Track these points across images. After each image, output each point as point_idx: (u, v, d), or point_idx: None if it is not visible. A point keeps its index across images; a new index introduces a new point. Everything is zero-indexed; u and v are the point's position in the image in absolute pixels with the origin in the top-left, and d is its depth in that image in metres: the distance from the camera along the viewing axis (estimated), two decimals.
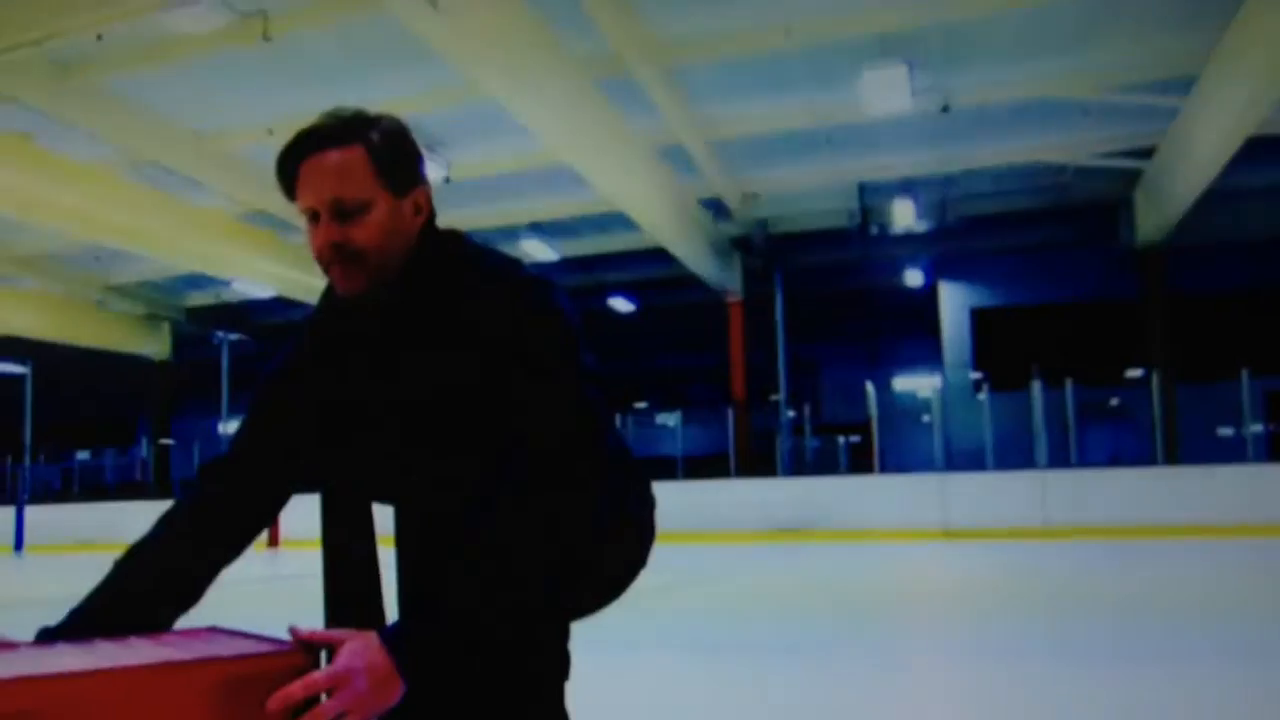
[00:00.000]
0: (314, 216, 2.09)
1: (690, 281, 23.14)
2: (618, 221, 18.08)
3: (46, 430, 36.21)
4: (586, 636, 2.17)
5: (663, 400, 36.10)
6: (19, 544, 22.14)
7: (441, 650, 1.79)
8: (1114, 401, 25.73)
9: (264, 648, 1.72)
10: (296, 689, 1.63)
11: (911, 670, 4.56)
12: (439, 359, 2.06)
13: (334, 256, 2.07)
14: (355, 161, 2.09)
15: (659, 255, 20.53)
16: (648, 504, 2.31)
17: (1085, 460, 20.85)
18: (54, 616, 1.99)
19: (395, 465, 2.11)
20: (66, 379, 34.83)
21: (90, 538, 20.83)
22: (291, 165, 2.11)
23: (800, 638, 5.60)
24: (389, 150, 2.14)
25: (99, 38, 12.26)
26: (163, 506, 2.25)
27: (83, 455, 32.76)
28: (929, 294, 28.52)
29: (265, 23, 12.04)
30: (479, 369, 2.01)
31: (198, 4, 11.24)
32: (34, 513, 22.92)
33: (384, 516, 2.24)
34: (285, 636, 1.76)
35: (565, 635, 2.17)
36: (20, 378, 31.32)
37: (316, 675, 1.66)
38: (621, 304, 28.76)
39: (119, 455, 31.91)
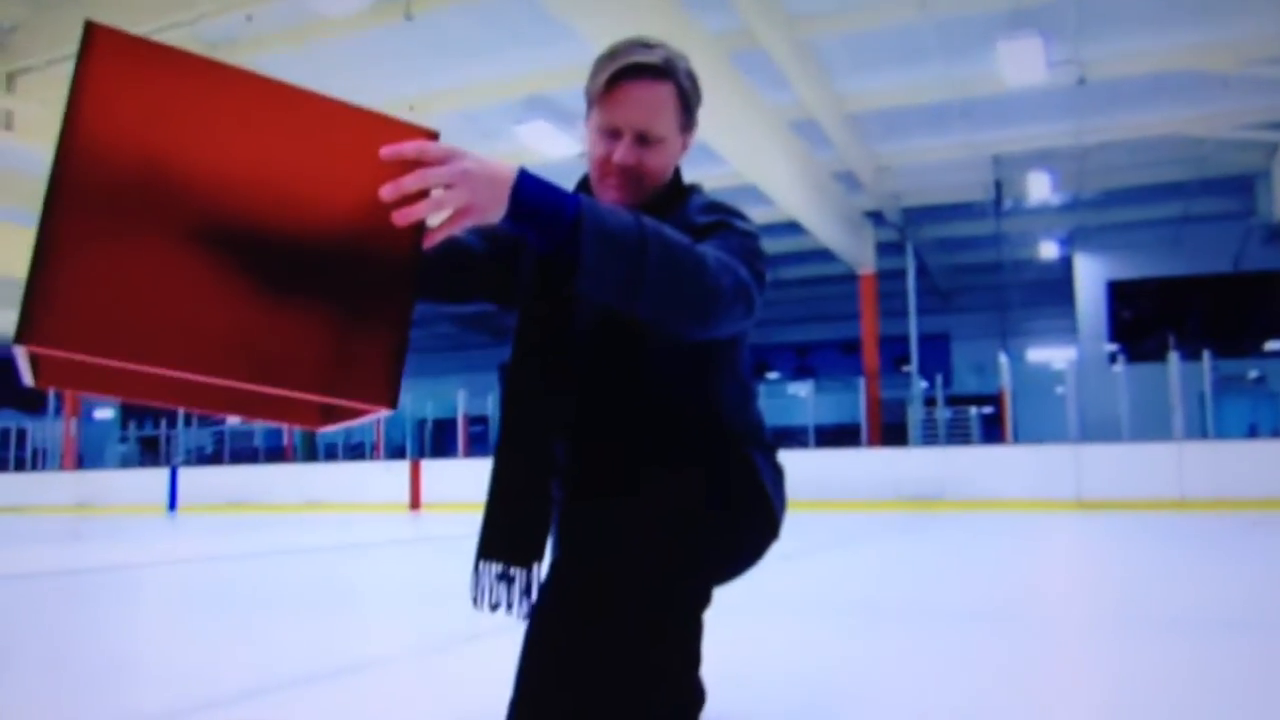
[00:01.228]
0: (614, 133, 2.24)
1: (823, 254, 23.25)
2: (750, 195, 18.18)
3: None
4: (718, 603, 2.29)
5: (795, 371, 36.09)
6: (172, 504, 23.11)
7: (556, 205, 1.78)
8: (1252, 374, 25.29)
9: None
10: (409, 146, 1.67)
11: (1045, 636, 4.58)
12: None
13: (621, 174, 2.25)
14: (667, 100, 2.24)
15: (792, 228, 20.62)
16: (779, 476, 2.41)
17: (1222, 432, 20.62)
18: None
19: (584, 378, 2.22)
20: None
21: (238, 499, 21.67)
22: (613, 80, 2.22)
23: (932, 602, 5.69)
24: (690, 94, 2.30)
25: (248, 19, 12.81)
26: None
27: (233, 421, 33.62)
28: (1064, 266, 28.25)
29: (408, 2, 12.44)
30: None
31: None
32: (187, 475, 23.83)
33: None
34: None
35: (704, 603, 2.28)
36: None
37: (433, 143, 1.71)
38: None
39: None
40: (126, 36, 1.50)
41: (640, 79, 2.20)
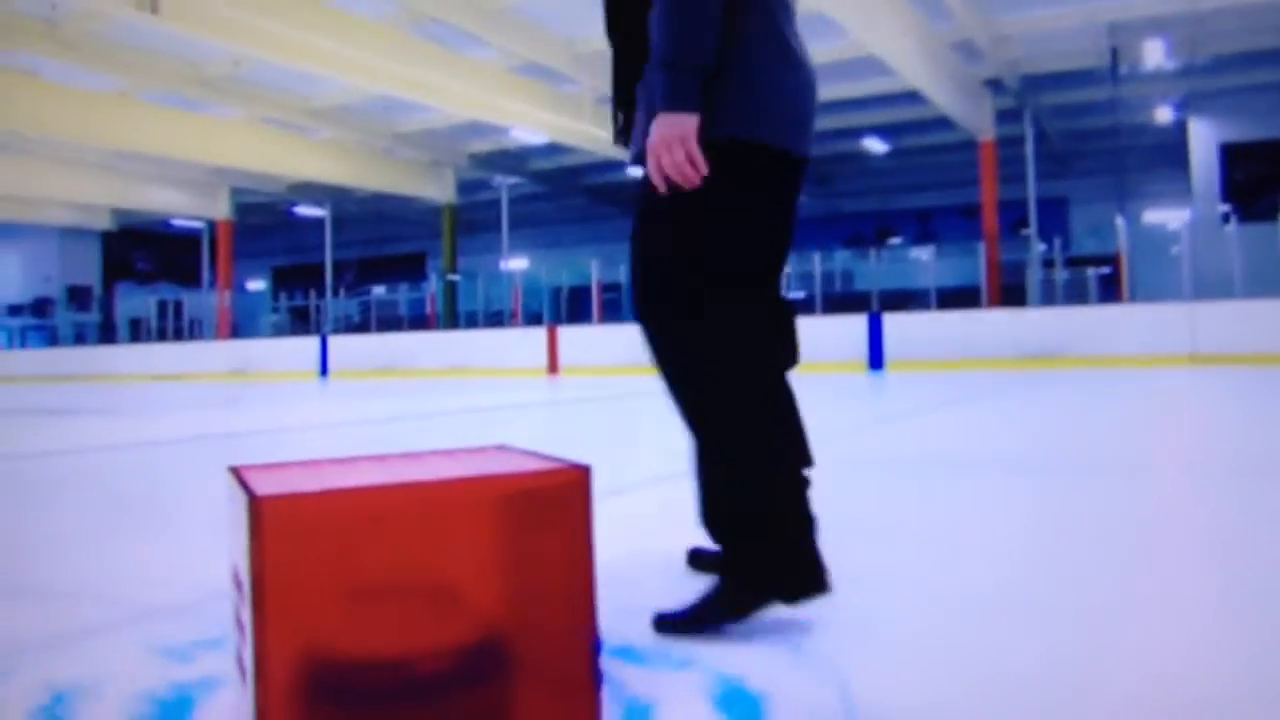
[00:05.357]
0: None
1: (943, 122, 23.73)
2: (871, 66, 18.43)
3: (346, 267, 38.54)
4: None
5: (917, 236, 36.33)
6: (324, 370, 24.53)
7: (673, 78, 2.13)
8: None
9: (546, 465, 1.76)
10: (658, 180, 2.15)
11: (1153, 484, 4.61)
12: None
13: None
14: None
15: (912, 97, 21.06)
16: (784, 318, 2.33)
17: None
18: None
19: None
20: (362, 220, 36.90)
21: (386, 365, 22.99)
22: None
23: (1049, 456, 5.68)
24: None
25: None
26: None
27: (378, 290, 34.64)
28: (1178, 130, 28.28)
29: None
30: None
31: None
32: (336, 342, 24.98)
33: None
34: (566, 456, 1.84)
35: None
36: (320, 220, 32.91)
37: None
38: (874, 144, 28.90)
39: (411, 290, 33.69)
40: (287, 499, 1.55)
41: None
